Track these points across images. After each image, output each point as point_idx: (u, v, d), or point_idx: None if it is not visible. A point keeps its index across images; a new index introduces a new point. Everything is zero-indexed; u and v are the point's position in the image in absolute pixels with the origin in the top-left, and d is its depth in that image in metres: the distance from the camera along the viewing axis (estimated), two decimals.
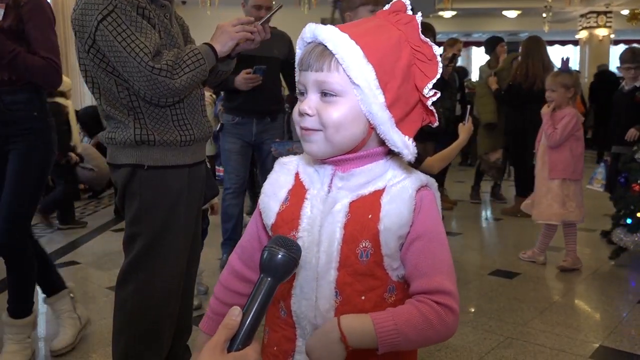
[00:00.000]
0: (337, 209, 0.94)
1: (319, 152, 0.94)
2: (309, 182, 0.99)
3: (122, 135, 1.72)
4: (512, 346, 2.56)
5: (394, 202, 0.92)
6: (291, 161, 1.06)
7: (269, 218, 1.01)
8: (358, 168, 0.96)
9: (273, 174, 1.06)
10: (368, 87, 0.89)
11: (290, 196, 1.00)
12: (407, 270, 0.95)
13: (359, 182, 0.95)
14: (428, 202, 0.95)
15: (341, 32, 0.90)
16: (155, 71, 1.60)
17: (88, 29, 1.63)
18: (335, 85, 0.91)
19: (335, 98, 0.91)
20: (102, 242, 4.66)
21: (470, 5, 12.35)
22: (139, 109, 1.71)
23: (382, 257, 0.93)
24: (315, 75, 0.92)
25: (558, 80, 3.68)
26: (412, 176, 0.95)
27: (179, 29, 1.86)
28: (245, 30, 1.81)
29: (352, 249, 0.93)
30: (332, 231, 0.93)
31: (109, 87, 1.71)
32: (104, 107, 1.74)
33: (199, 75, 1.70)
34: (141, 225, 1.76)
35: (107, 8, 1.61)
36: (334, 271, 0.93)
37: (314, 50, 0.93)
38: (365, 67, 0.89)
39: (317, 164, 0.99)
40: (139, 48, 1.59)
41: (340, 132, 0.91)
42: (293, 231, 0.96)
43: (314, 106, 0.92)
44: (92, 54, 1.67)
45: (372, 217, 0.92)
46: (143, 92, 1.65)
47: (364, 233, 0.93)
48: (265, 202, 1.02)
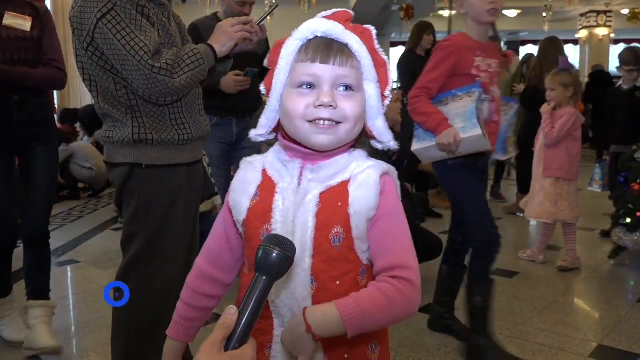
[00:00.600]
0: (309, 199, 0.98)
1: (331, 144, 0.98)
2: (278, 176, 1.03)
3: (120, 134, 1.71)
4: (512, 345, 2.56)
5: (361, 188, 0.97)
6: (256, 159, 1.08)
7: (240, 214, 1.03)
8: (327, 161, 1.01)
9: (240, 172, 1.08)
10: (376, 84, 1.00)
11: (260, 191, 1.03)
12: (371, 249, 1.00)
13: (327, 173, 1.00)
14: (389, 186, 1.00)
15: (351, 33, 0.98)
16: (155, 70, 1.60)
17: (87, 27, 1.62)
18: (354, 81, 0.98)
19: (353, 93, 0.98)
20: (102, 240, 4.66)
21: None
22: (137, 107, 1.70)
23: (353, 240, 0.98)
24: (337, 70, 0.96)
25: (557, 79, 3.67)
26: (375, 165, 1.01)
27: (176, 28, 1.86)
28: (244, 30, 1.80)
29: (325, 236, 0.97)
30: (305, 220, 0.97)
31: (107, 86, 1.70)
32: (102, 105, 1.73)
33: (198, 75, 1.70)
34: (139, 225, 1.75)
35: (106, 6, 1.60)
36: (308, 259, 0.97)
37: (331, 46, 0.97)
38: (372, 67, 0.99)
39: (285, 160, 1.03)
40: (138, 46, 1.59)
41: (357, 125, 0.99)
42: (266, 224, 0.99)
43: (335, 99, 0.96)
44: (90, 52, 1.66)
45: (341, 205, 0.97)
46: (142, 90, 1.65)
47: (335, 219, 0.97)
48: (235, 199, 1.05)
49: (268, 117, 1.04)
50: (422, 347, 2.56)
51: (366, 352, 1.03)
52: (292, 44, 0.99)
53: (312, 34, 0.97)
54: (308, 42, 0.98)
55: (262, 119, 1.05)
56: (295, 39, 0.98)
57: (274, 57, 1.03)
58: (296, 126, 0.98)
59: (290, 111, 0.97)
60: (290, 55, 0.99)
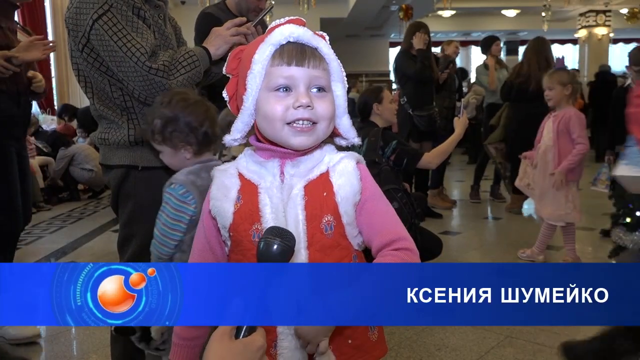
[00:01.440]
0: (295, 193, 1.03)
1: (309, 144, 1.04)
2: (257, 177, 1.07)
3: (115, 136, 1.71)
4: (512, 345, 2.57)
5: (343, 176, 1.05)
6: (229, 167, 1.12)
7: (226, 219, 1.06)
8: (304, 156, 1.06)
9: (216, 179, 1.11)
10: (343, 84, 1.08)
11: (242, 194, 1.06)
12: (364, 232, 1.07)
13: (307, 167, 1.06)
14: (365, 172, 1.09)
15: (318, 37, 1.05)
16: (152, 71, 1.59)
17: (82, 28, 1.61)
18: (325, 82, 1.05)
19: (325, 93, 1.05)
20: (101, 242, 4.65)
21: (469, 5, 12.35)
22: (132, 109, 1.70)
23: (344, 226, 1.05)
24: (311, 72, 1.02)
25: (555, 78, 3.67)
26: (346, 155, 1.08)
27: (172, 30, 1.86)
28: (239, 32, 1.80)
29: (316, 226, 1.03)
30: (295, 214, 1.02)
31: (102, 87, 1.69)
32: (97, 106, 1.73)
33: (194, 76, 1.70)
34: (136, 227, 1.75)
35: (102, 7, 1.60)
36: (304, 251, 1.02)
37: (304, 49, 1.03)
38: (339, 67, 1.07)
39: (261, 161, 1.07)
40: (135, 48, 1.59)
41: (331, 123, 1.05)
42: (255, 224, 1.03)
43: (311, 101, 1.01)
44: (85, 53, 1.65)
45: (327, 194, 1.04)
46: (138, 92, 1.64)
47: (324, 209, 1.03)
48: (218, 206, 1.07)
49: (243, 120, 1.07)
50: (423, 347, 2.56)
51: (367, 333, 1.10)
52: (265, 49, 1.03)
53: (285, 39, 1.02)
54: (281, 47, 1.03)
55: (238, 123, 1.08)
56: (269, 44, 1.03)
57: (234, 64, 1.09)
58: (275, 128, 1.02)
59: (269, 114, 1.02)
60: (265, 60, 1.03)
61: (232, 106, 1.12)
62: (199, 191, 1.50)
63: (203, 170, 1.53)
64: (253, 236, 1.02)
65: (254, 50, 1.04)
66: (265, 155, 1.07)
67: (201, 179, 1.52)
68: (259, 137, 1.08)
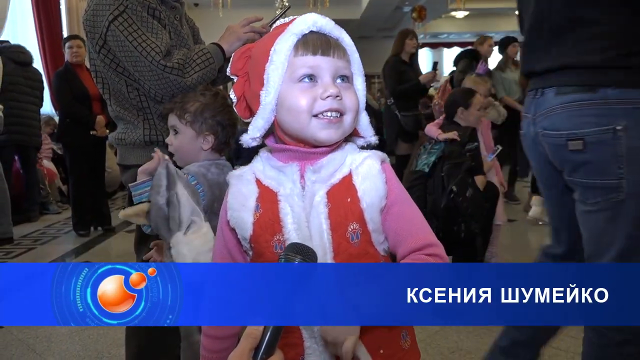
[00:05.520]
0: (317, 201, 0.97)
1: (337, 138, 0.98)
2: (276, 184, 1.00)
3: (131, 136, 1.74)
4: None
5: (367, 179, 0.98)
6: (245, 171, 1.05)
7: (245, 230, 1.00)
8: (324, 158, 0.99)
9: (232, 187, 1.04)
10: (362, 78, 1.02)
11: (261, 203, 0.99)
12: (390, 237, 0.99)
13: (328, 172, 0.99)
14: (390, 173, 1.01)
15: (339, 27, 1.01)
16: (167, 70, 1.62)
17: (99, 30, 1.65)
18: (350, 73, 1.00)
19: (349, 85, 1.00)
20: (116, 242, 4.69)
21: (482, 5, 12.28)
22: (149, 109, 1.73)
23: (370, 234, 0.98)
24: (337, 62, 0.97)
25: None
26: (371, 154, 1.01)
27: (189, 31, 1.88)
28: (254, 31, 1.81)
29: (341, 235, 0.96)
30: (319, 223, 0.96)
31: (119, 88, 1.72)
32: (114, 107, 1.76)
33: (209, 74, 1.71)
34: None
35: (118, 9, 1.63)
36: (330, 261, 0.95)
37: (328, 39, 0.98)
38: (360, 62, 1.03)
39: (279, 166, 1.00)
40: (150, 47, 1.61)
41: (356, 117, 1.00)
42: (276, 235, 0.97)
43: (340, 90, 0.97)
44: (102, 55, 1.68)
45: (351, 200, 0.97)
46: (154, 91, 1.66)
47: (349, 216, 0.97)
48: (236, 217, 1.01)
49: (264, 117, 0.99)
50: (436, 350, 2.54)
51: (399, 342, 1.03)
52: (287, 38, 0.97)
53: (308, 28, 0.97)
54: (304, 37, 0.97)
55: (258, 120, 0.99)
56: (291, 33, 0.97)
57: (240, 63, 1.03)
58: (301, 122, 0.96)
59: (294, 106, 0.95)
60: (288, 50, 0.96)
61: (239, 109, 1.05)
62: (209, 184, 1.53)
63: (213, 166, 1.57)
64: (275, 247, 0.97)
65: (271, 43, 0.97)
66: (284, 159, 1.00)
67: (211, 173, 1.55)
68: (279, 136, 1.01)
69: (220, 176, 1.57)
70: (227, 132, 1.62)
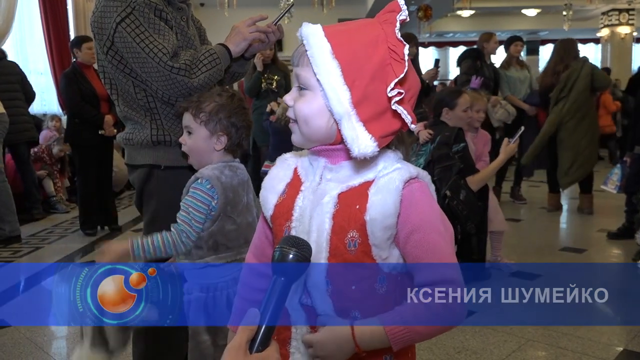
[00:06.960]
0: (326, 201, 0.98)
1: (297, 142, 1.01)
2: (305, 175, 1.04)
3: (139, 136, 1.75)
4: (534, 349, 2.53)
5: (380, 193, 0.94)
6: (292, 156, 1.10)
7: (268, 210, 1.06)
8: (348, 161, 0.99)
9: (274, 169, 1.10)
10: (329, 82, 0.92)
11: (288, 189, 1.05)
12: (409, 262, 0.97)
13: (346, 174, 0.99)
14: (420, 193, 0.96)
15: (318, 29, 0.95)
16: (174, 70, 1.62)
17: (107, 31, 1.66)
18: (306, 80, 0.97)
19: (306, 92, 0.97)
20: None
21: (488, 4, 12.23)
22: (156, 110, 1.74)
23: (369, 247, 0.96)
24: (296, 70, 1.00)
25: None
26: (402, 168, 0.97)
27: (195, 32, 1.89)
28: (259, 30, 1.81)
29: (340, 239, 0.96)
30: (321, 222, 0.97)
31: (126, 89, 1.73)
32: (122, 108, 1.78)
33: (215, 74, 1.72)
34: (159, 226, 1.76)
35: (125, 10, 1.64)
36: (324, 260, 0.97)
37: (301, 47, 0.99)
38: (330, 64, 0.92)
39: (312, 157, 1.03)
40: (157, 49, 1.62)
41: (309, 124, 0.97)
42: (288, 222, 1.01)
43: (293, 98, 0.99)
44: (110, 56, 1.69)
45: (359, 208, 0.95)
46: (161, 92, 1.67)
47: (351, 223, 0.96)
48: (264, 196, 1.07)
49: None
50: (442, 350, 2.53)
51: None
52: None
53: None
54: None
55: None
56: None
57: None
58: None
59: None
60: None
61: None
62: (223, 188, 1.55)
63: (226, 169, 1.60)
64: (285, 232, 1.01)
65: None
66: (315, 153, 1.02)
67: (225, 176, 1.58)
68: None
69: (233, 179, 1.59)
70: (240, 133, 1.64)
